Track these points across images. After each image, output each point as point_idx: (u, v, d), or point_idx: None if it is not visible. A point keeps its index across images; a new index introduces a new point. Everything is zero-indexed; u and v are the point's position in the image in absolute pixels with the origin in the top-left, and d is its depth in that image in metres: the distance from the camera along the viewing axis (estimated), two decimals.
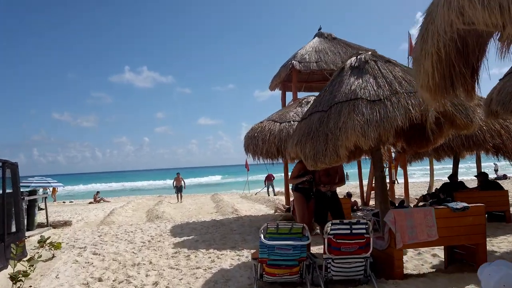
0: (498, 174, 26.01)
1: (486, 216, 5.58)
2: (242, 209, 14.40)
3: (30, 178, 22.78)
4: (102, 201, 21.96)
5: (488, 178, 8.81)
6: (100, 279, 5.19)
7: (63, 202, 23.15)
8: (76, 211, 16.01)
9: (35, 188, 16.10)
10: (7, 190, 6.57)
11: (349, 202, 8.48)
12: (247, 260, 5.89)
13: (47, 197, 13.65)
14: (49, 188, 22.73)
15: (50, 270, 5.74)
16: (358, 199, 13.29)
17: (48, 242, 6.69)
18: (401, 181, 14.54)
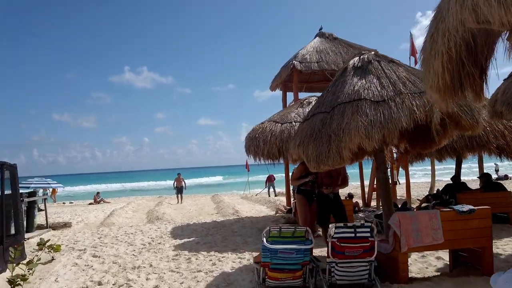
0: (499, 174, 25.92)
1: None
2: (243, 210, 14.32)
3: (30, 179, 22.71)
4: (102, 202, 21.88)
5: (491, 179, 8.74)
6: (99, 283, 5.11)
7: (63, 203, 23.06)
8: (76, 212, 15.94)
9: (35, 189, 16.06)
10: (6, 191, 6.51)
11: (351, 204, 8.41)
12: (249, 263, 5.81)
13: (47, 198, 13.58)
14: (48, 189, 22.66)
15: (49, 274, 5.67)
16: (359, 200, 13.22)
17: (47, 245, 6.62)
18: (402, 181, 14.46)
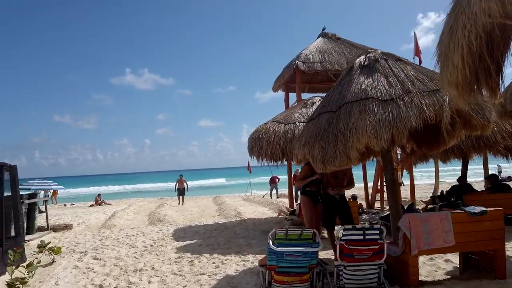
0: (502, 176, 25.75)
1: None
2: (245, 212, 14.19)
3: (31, 181, 22.60)
4: (103, 203, 21.77)
5: (498, 180, 8.60)
6: (101, 286, 5.00)
7: (64, 205, 22.97)
8: (77, 214, 15.83)
9: (36, 191, 15.97)
10: (6, 193, 6.41)
11: (356, 206, 8.28)
12: (253, 265, 5.69)
13: (48, 200, 13.49)
14: (49, 190, 22.56)
15: (49, 276, 5.55)
16: (362, 202, 13.08)
17: (48, 247, 6.51)
18: (406, 183, 14.34)
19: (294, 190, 14.24)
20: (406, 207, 7.84)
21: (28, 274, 5.08)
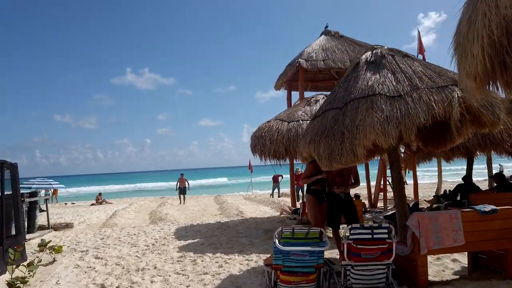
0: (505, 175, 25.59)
1: None
2: (247, 211, 14.11)
3: (32, 180, 22.56)
4: (104, 202, 21.71)
5: (504, 179, 8.50)
6: (102, 286, 4.92)
7: (65, 204, 22.89)
8: (78, 213, 15.76)
9: (37, 189, 15.90)
10: (7, 191, 6.33)
11: (360, 204, 8.19)
12: (257, 265, 5.61)
13: (49, 198, 13.42)
14: (50, 189, 22.50)
15: (50, 276, 5.47)
16: (365, 201, 12.99)
17: (48, 246, 6.43)
18: (409, 182, 14.24)
19: (295, 189, 14.14)
20: (411, 206, 7.73)
21: (28, 273, 5.00)
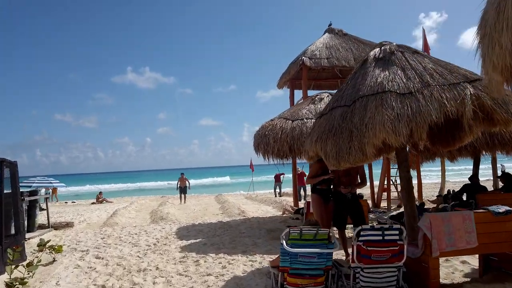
0: None
1: None
2: (249, 210, 13.99)
3: (32, 178, 22.48)
4: (104, 201, 21.60)
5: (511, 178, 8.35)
6: (103, 287, 4.80)
7: (65, 203, 22.79)
8: (78, 212, 15.64)
9: (37, 188, 15.78)
10: (6, 190, 6.21)
11: (365, 204, 8.05)
12: (261, 266, 5.49)
13: (49, 197, 13.31)
14: (50, 188, 22.41)
15: (50, 276, 5.35)
16: (368, 201, 12.85)
17: (48, 245, 6.31)
18: (413, 182, 14.09)
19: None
20: (418, 206, 7.60)
21: (28, 274, 4.88)
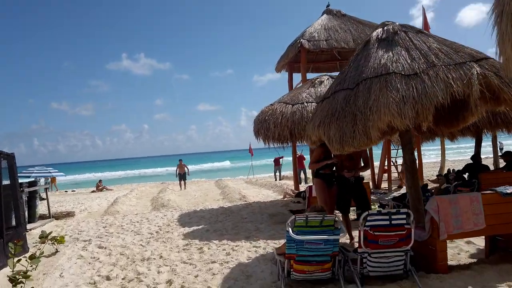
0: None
1: None
2: (249, 195, 14.00)
3: (31, 168, 22.39)
4: (104, 189, 21.59)
5: None
6: (108, 278, 4.77)
7: (65, 191, 22.77)
8: (78, 201, 15.61)
9: (36, 178, 15.71)
10: (6, 182, 6.13)
11: (368, 187, 8.03)
12: (265, 252, 5.47)
13: (49, 187, 13.25)
14: (49, 177, 22.35)
15: (53, 268, 5.32)
16: (369, 182, 12.86)
17: (50, 236, 6.27)
18: None
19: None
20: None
21: (31, 266, 4.84)
